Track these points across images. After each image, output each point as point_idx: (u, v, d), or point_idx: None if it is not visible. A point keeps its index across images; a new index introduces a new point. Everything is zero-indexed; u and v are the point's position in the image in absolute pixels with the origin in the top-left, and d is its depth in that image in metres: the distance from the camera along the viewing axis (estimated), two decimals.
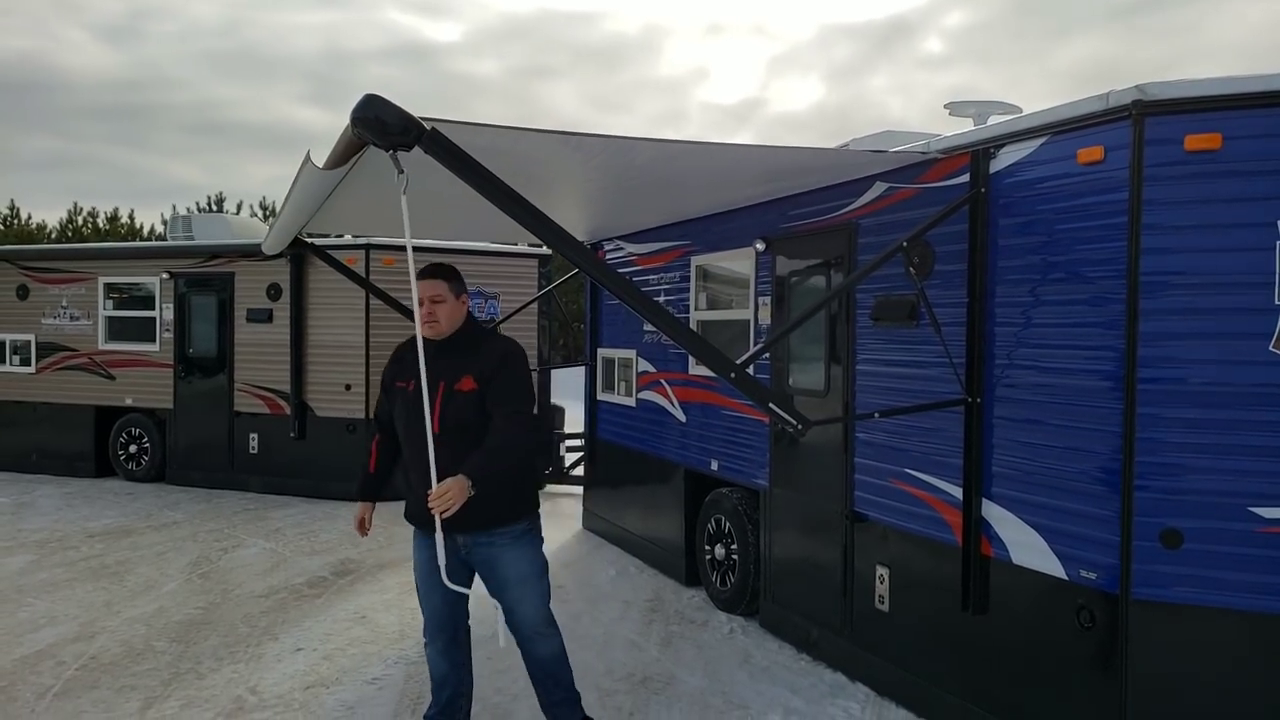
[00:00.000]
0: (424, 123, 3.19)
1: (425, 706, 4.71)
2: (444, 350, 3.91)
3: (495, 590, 3.91)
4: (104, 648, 5.55)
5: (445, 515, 3.47)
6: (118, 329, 11.60)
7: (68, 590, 6.76)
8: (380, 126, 3.13)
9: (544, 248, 10.95)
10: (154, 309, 11.36)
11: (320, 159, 4.21)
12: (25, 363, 11.97)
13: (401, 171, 3.10)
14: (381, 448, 4.14)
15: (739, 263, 6.32)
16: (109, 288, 11.65)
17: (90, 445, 11.68)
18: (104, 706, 4.69)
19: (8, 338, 12.07)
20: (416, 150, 3.22)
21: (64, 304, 11.80)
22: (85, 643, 5.64)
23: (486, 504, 3.73)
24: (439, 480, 3.62)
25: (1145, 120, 3.47)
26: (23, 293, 12.01)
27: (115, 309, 11.64)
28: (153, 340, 11.32)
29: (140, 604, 6.43)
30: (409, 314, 3.99)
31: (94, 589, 6.79)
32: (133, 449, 11.50)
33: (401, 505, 4.02)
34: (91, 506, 9.95)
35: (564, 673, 4.10)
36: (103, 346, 11.60)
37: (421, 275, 3.88)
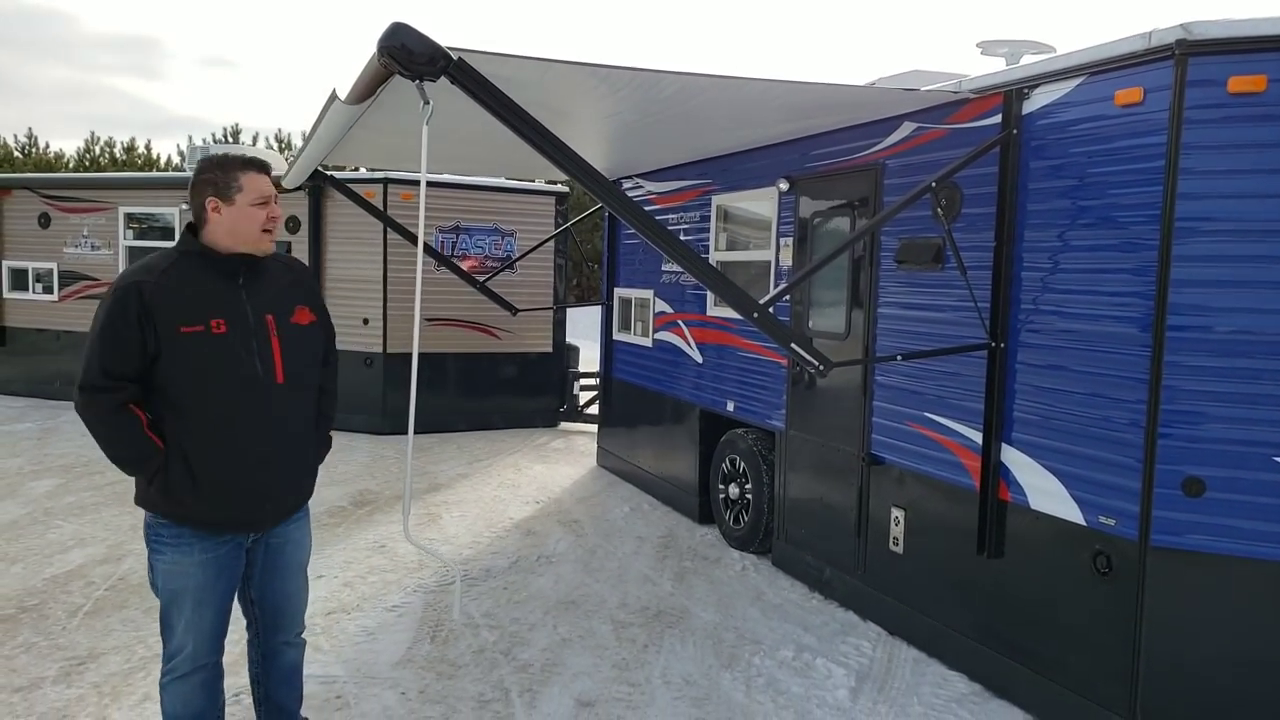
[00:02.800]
0: (451, 52, 3.14)
1: (444, 634, 4.83)
2: (255, 272, 2.92)
3: (271, 582, 3.09)
4: (131, 569, 5.67)
5: None
6: (138, 259, 11.61)
7: (94, 514, 6.90)
8: (407, 55, 3.08)
9: (560, 185, 10.89)
10: (173, 239, 11.37)
11: (345, 93, 4.17)
12: (48, 291, 12.07)
13: (427, 102, 3.06)
14: (153, 424, 2.81)
15: (761, 203, 6.26)
16: (129, 218, 11.67)
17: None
18: (133, 626, 4.81)
19: (30, 265, 12.15)
20: (441, 81, 3.18)
21: (85, 233, 11.83)
22: (113, 564, 5.77)
23: (309, 472, 3.12)
24: (288, 456, 2.93)
25: (1188, 61, 3.38)
26: (45, 221, 12.04)
27: (135, 239, 11.67)
28: None
29: None
30: (415, 240, 3.34)
31: (120, 512, 6.92)
32: None
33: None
34: None
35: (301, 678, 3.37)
36: None
37: (258, 167, 2.92)
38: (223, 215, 2.86)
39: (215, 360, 2.77)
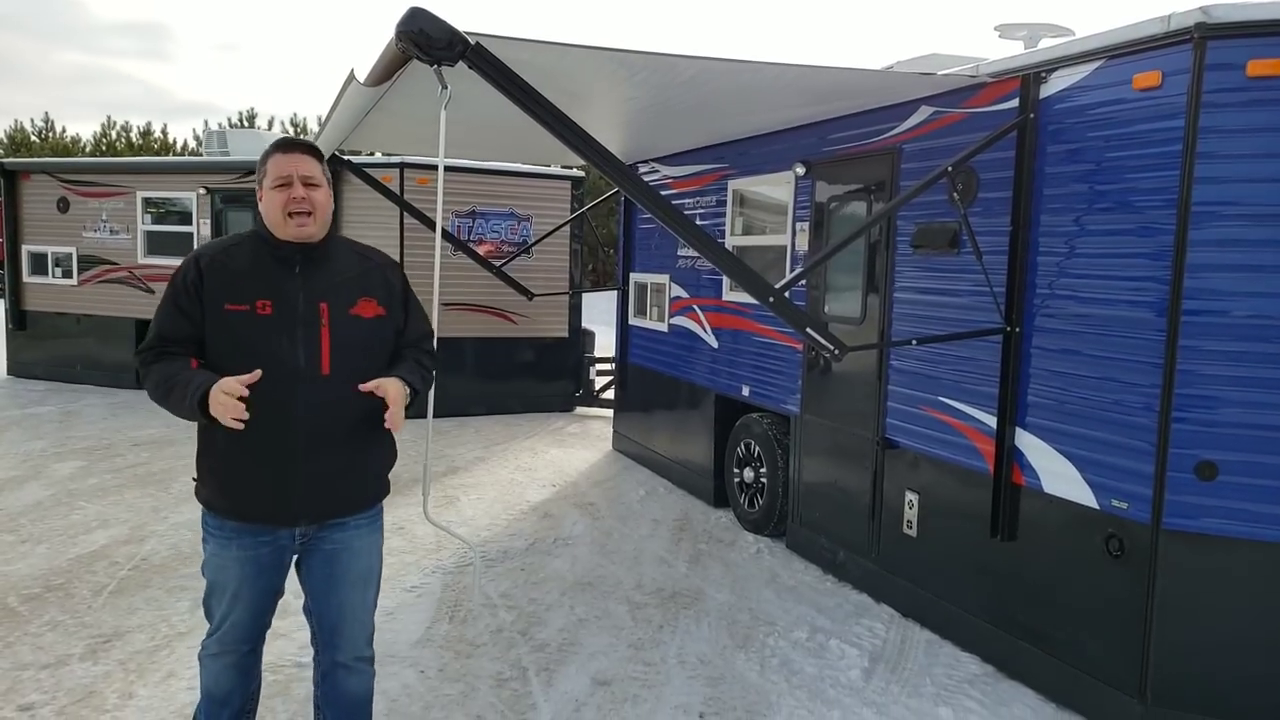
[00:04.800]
0: (468, 37, 3.17)
1: (462, 614, 4.90)
2: (315, 260, 2.77)
3: (325, 592, 2.90)
4: (154, 550, 5.77)
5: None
6: (156, 243, 11.74)
7: (117, 495, 7.00)
8: (425, 40, 3.12)
9: (576, 170, 10.91)
10: (191, 224, 11.47)
11: (363, 76, 4.21)
12: (67, 275, 12.18)
13: (445, 87, 3.09)
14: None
15: (777, 187, 6.26)
16: (147, 202, 11.76)
17: (131, 357, 11.92)
18: (156, 605, 4.90)
19: (50, 250, 12.26)
20: (459, 65, 3.21)
21: (104, 218, 11.93)
22: (136, 545, 5.86)
23: (358, 474, 2.86)
24: (322, 452, 2.71)
25: (1207, 44, 3.38)
26: (63, 206, 12.14)
27: (153, 224, 11.77)
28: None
29: (186, 510, 6.64)
30: (432, 225, 3.27)
31: (141, 495, 7.03)
32: None
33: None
34: (135, 416, 10.21)
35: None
36: (142, 260, 11.76)
37: (283, 148, 2.77)
38: (261, 201, 2.78)
39: (255, 342, 2.65)
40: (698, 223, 7.03)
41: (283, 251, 2.74)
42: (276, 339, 2.66)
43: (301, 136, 26.09)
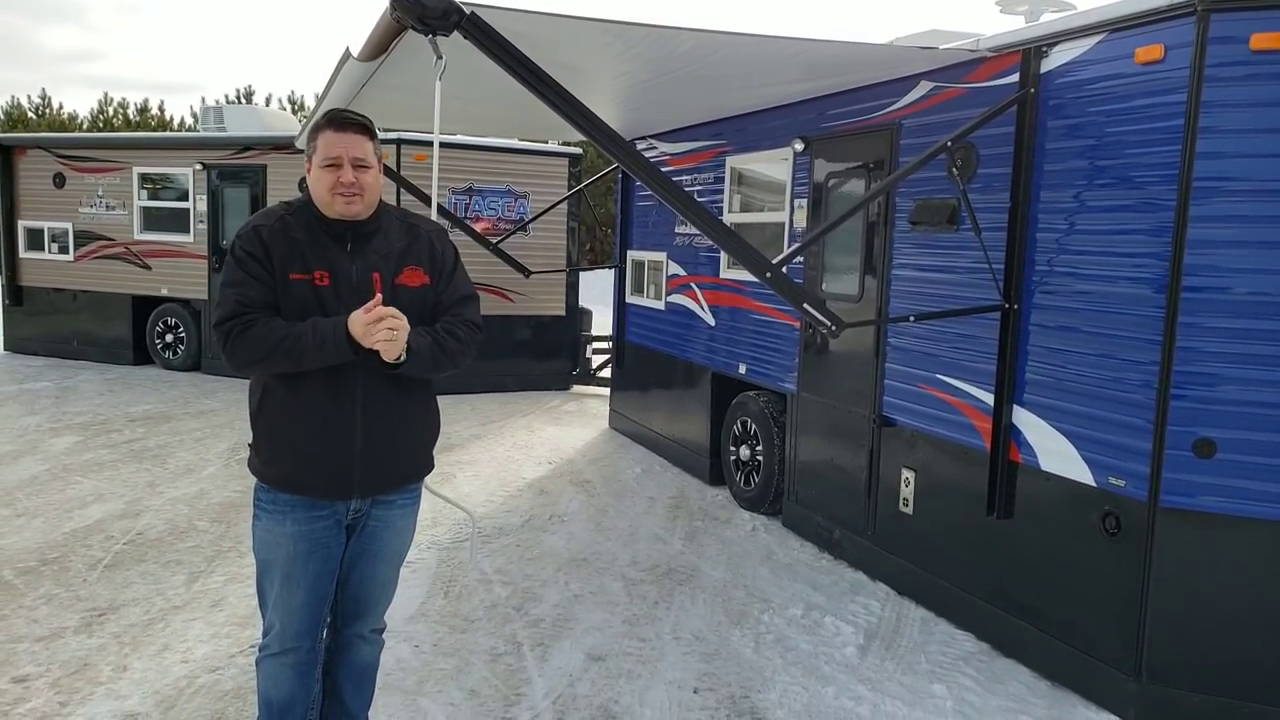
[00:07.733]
0: (464, 6, 3.13)
1: (457, 589, 4.90)
2: (365, 235, 2.75)
3: (361, 565, 2.86)
4: (149, 525, 5.77)
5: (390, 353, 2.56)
6: (153, 219, 11.68)
7: (112, 470, 6.99)
8: (420, 10, 3.07)
9: (574, 147, 10.83)
10: (188, 200, 11.41)
11: (358, 50, 4.16)
12: (64, 250, 12.13)
13: (440, 57, 3.05)
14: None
15: (775, 164, 6.22)
16: (143, 178, 11.68)
17: (128, 333, 11.91)
18: (152, 579, 4.90)
19: (46, 225, 12.20)
20: (454, 37, 3.17)
21: (100, 193, 11.86)
22: (131, 520, 5.86)
23: (410, 446, 2.84)
24: (379, 422, 2.68)
25: (1210, 17, 3.34)
26: (59, 181, 12.07)
27: (150, 200, 11.70)
28: (187, 231, 11.40)
29: (182, 485, 6.64)
30: (427, 200, 3.18)
31: (137, 470, 7.02)
32: (169, 338, 11.72)
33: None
34: (131, 392, 10.20)
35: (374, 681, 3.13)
36: (138, 237, 11.70)
37: (336, 124, 2.68)
38: (309, 174, 2.73)
39: (315, 312, 2.62)
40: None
41: (334, 228, 2.71)
42: (334, 309, 2.63)
43: (294, 114, 25.61)
